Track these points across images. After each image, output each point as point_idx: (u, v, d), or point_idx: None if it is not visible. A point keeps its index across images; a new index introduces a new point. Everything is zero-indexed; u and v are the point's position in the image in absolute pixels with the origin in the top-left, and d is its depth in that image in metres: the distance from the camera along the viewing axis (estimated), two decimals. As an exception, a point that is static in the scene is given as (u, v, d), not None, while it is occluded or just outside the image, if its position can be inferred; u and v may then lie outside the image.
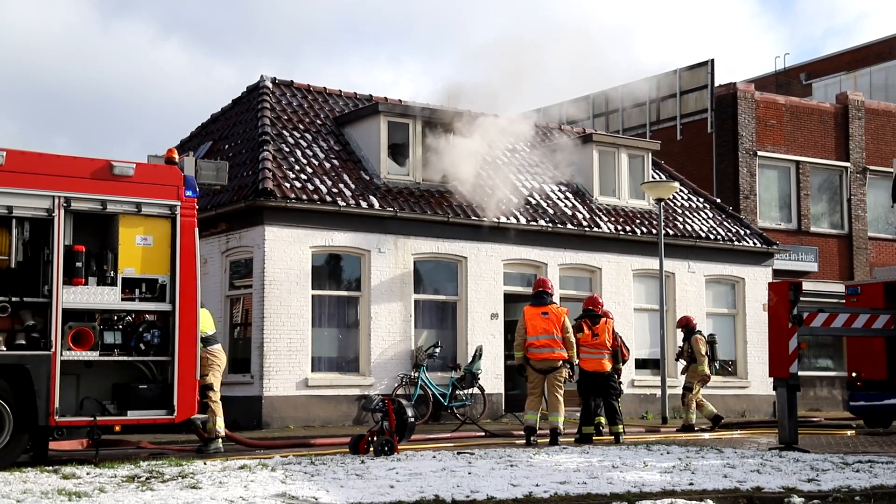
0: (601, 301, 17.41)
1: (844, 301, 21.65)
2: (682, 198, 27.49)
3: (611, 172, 25.77)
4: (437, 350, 21.37)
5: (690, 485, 9.87)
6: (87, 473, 10.37)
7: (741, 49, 74.01)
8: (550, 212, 23.87)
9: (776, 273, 27.83)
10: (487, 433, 17.96)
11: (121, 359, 12.12)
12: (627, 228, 24.71)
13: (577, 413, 18.02)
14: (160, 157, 12.96)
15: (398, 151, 22.82)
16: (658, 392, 22.73)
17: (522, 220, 23.10)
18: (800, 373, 15.10)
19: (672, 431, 19.53)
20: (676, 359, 21.02)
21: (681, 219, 26.37)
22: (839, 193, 31.95)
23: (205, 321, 14.02)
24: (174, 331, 12.30)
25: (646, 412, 24.09)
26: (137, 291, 12.24)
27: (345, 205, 20.92)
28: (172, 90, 65.21)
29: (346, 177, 21.79)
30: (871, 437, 17.99)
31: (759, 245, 26.85)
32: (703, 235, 26.02)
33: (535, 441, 15.30)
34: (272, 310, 20.12)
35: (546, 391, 15.76)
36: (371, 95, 25.37)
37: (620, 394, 17.11)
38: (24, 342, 11.61)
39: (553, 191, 24.82)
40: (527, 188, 24.36)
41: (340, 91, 25.38)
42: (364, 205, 21.19)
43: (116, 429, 12.29)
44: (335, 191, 21.13)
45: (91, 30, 66.89)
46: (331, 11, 76.21)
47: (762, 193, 30.52)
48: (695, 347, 19.97)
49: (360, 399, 18.05)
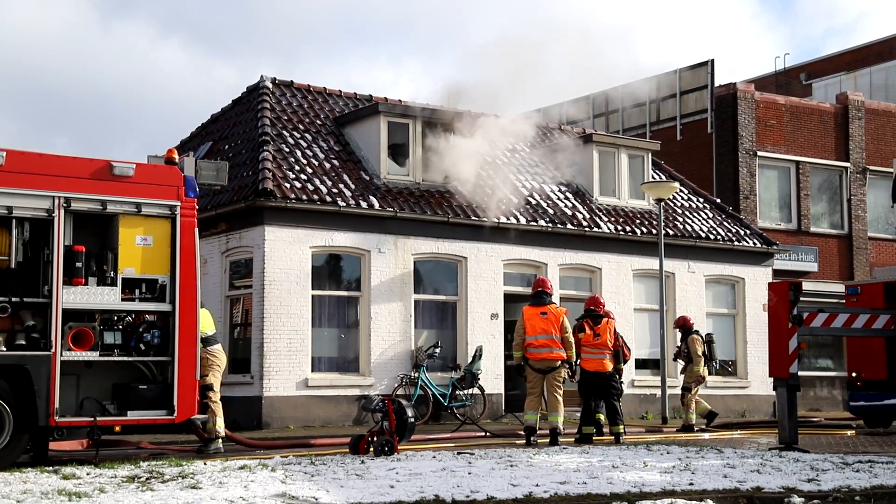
0: (603, 301, 17.41)
1: (844, 301, 21.64)
2: (682, 198, 27.49)
3: (611, 172, 25.77)
4: (437, 350, 21.37)
5: (690, 485, 9.87)
6: (87, 473, 10.37)
7: (741, 49, 74.08)
8: (550, 212, 23.87)
9: (776, 273, 27.83)
10: (489, 433, 17.95)
11: (121, 359, 12.11)
12: (627, 228, 24.71)
13: (578, 413, 18.02)
14: (160, 158, 12.95)
15: (398, 151, 22.82)
16: (658, 392, 22.74)
17: (522, 221, 23.10)
18: (800, 373, 15.10)
19: (672, 431, 19.53)
20: (674, 359, 21.02)
21: (681, 219, 26.37)
22: (839, 193, 31.95)
23: (205, 321, 14.02)
24: (174, 331, 12.29)
25: (646, 412, 24.09)
26: (137, 292, 12.23)
27: (345, 205, 20.92)
28: (172, 90, 65.28)
29: (346, 177, 21.80)
30: (871, 437, 17.98)
31: (759, 245, 26.85)
32: (703, 235, 26.02)
33: (535, 441, 15.29)
34: (272, 310, 20.12)
35: (545, 391, 15.76)
36: (371, 95, 25.38)
37: (621, 394, 17.11)
38: (24, 342, 11.61)
39: (553, 191, 24.82)
40: (527, 188, 24.36)
41: (340, 91, 25.38)
42: (364, 205, 21.20)
43: (116, 429, 12.29)
44: (335, 191, 21.13)
45: (91, 30, 66.96)
46: (331, 11, 76.29)
47: (762, 193, 30.52)
48: (691, 348, 19.95)
49: (360, 399, 18.05)
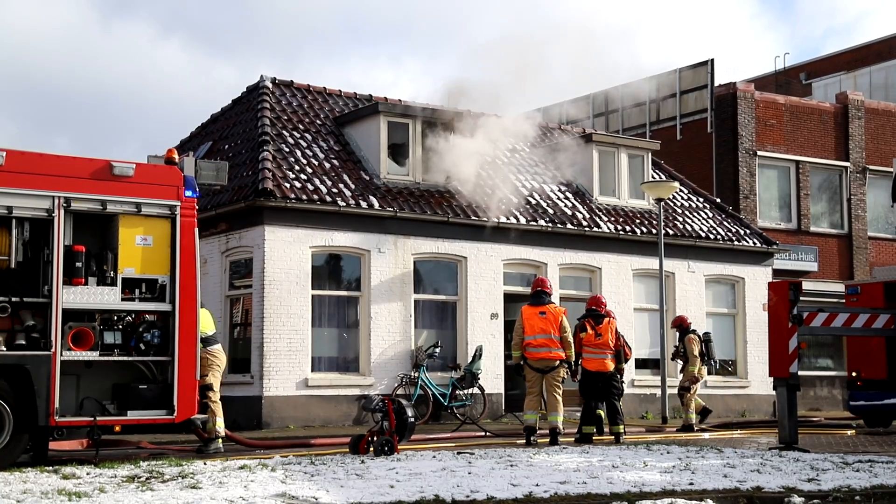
0: (604, 301, 17.38)
1: (844, 301, 21.64)
2: (682, 198, 27.49)
3: (611, 172, 25.77)
4: (437, 350, 21.36)
5: (690, 485, 9.87)
6: (87, 473, 10.37)
7: (741, 49, 74.06)
8: (550, 212, 23.87)
9: (776, 273, 27.82)
10: (489, 433, 17.95)
11: (121, 359, 12.11)
12: (627, 228, 24.71)
13: (578, 413, 18.01)
14: (160, 158, 12.95)
15: (398, 151, 22.81)
16: (658, 392, 22.74)
17: (522, 220, 23.10)
18: (800, 372, 15.09)
19: (672, 431, 19.53)
20: (672, 359, 21.03)
21: (681, 219, 26.37)
22: (839, 193, 31.95)
23: (205, 321, 14.02)
24: (174, 331, 12.29)
25: (646, 412, 24.09)
26: (137, 291, 12.23)
27: (345, 205, 20.92)
28: (172, 90, 65.27)
29: (346, 177, 21.79)
30: (871, 437, 17.99)
31: (759, 245, 26.85)
32: (703, 235, 26.02)
33: (535, 441, 15.29)
34: (272, 310, 20.12)
35: (545, 391, 15.75)
36: (371, 95, 25.38)
37: (622, 394, 17.10)
38: (24, 342, 11.61)
39: (553, 191, 24.82)
40: (527, 188, 24.36)
41: (340, 91, 25.38)
42: (364, 205, 21.19)
43: (116, 429, 12.28)
44: (335, 191, 21.13)
45: (91, 30, 66.95)
46: (331, 11, 76.28)
47: (762, 193, 30.52)
48: (688, 348, 19.94)
49: (360, 399, 18.03)
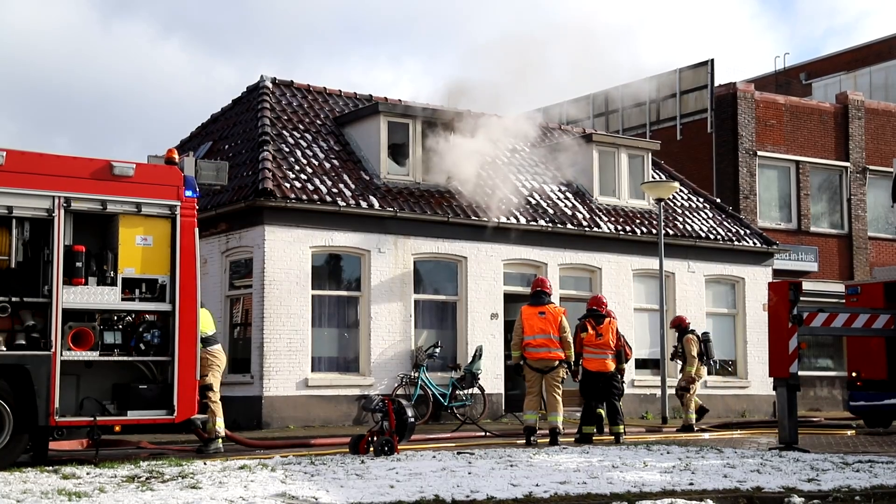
0: (605, 301, 17.34)
1: (844, 301, 21.64)
2: (682, 198, 27.49)
3: (611, 172, 25.77)
4: (437, 350, 21.36)
5: (690, 485, 9.86)
6: (87, 473, 10.37)
7: (741, 49, 74.07)
8: (550, 212, 23.87)
9: (776, 273, 27.82)
10: (489, 433, 17.95)
11: (121, 359, 12.11)
12: (627, 228, 24.71)
13: (578, 413, 18.01)
14: (160, 158, 12.95)
15: (398, 151, 22.81)
16: (658, 392, 22.73)
17: (522, 220, 23.10)
18: (800, 373, 15.09)
19: (672, 431, 19.53)
20: (671, 359, 21.03)
21: (681, 219, 26.36)
22: (839, 193, 31.94)
23: (205, 321, 14.02)
24: (174, 331, 12.29)
25: (646, 412, 24.09)
26: (137, 291, 12.23)
27: (345, 205, 20.92)
28: (172, 90, 65.27)
29: (346, 177, 21.79)
30: (871, 437, 17.98)
31: (759, 245, 26.85)
32: (703, 235, 26.02)
33: (535, 441, 15.29)
34: (272, 310, 20.12)
35: (544, 391, 15.75)
36: (371, 95, 25.38)
37: (622, 394, 17.09)
38: (24, 342, 11.61)
39: (553, 191, 24.82)
40: (527, 188, 24.36)
41: (340, 91, 25.39)
42: (364, 205, 21.19)
43: (116, 429, 12.28)
44: (335, 191, 21.13)
45: (91, 30, 66.95)
46: (331, 11, 76.29)
47: (762, 193, 30.52)
48: (686, 348, 19.93)
49: (360, 399, 18.04)
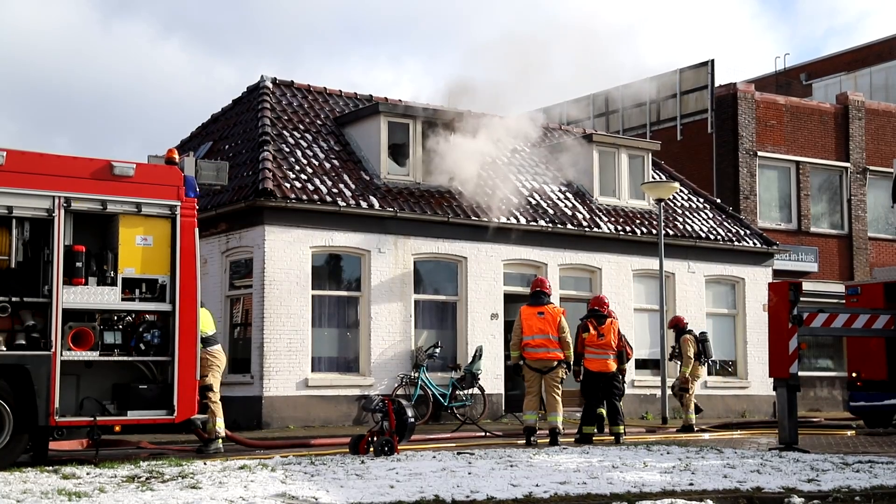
0: (607, 301, 17.28)
1: (844, 301, 21.64)
2: (682, 198, 27.49)
3: (611, 172, 25.77)
4: (437, 350, 21.36)
5: (690, 485, 9.86)
6: (87, 473, 10.36)
7: (741, 49, 74.11)
8: (550, 212, 23.87)
9: (776, 273, 27.83)
10: (489, 433, 17.94)
11: (121, 359, 12.10)
12: (627, 228, 24.71)
13: (578, 413, 18.00)
14: (160, 158, 12.94)
15: (398, 152, 22.81)
16: (658, 392, 22.73)
17: (522, 221, 23.10)
18: (800, 373, 15.08)
19: (672, 431, 19.52)
20: (670, 359, 21.03)
21: (681, 219, 26.37)
22: (839, 194, 31.95)
23: (205, 321, 14.02)
24: (174, 331, 12.28)
25: (646, 412, 24.09)
26: (137, 291, 12.22)
27: (345, 205, 20.92)
28: (172, 90, 65.29)
29: (346, 177, 21.79)
30: (871, 437, 17.98)
31: (759, 245, 26.85)
32: (703, 236, 26.02)
33: (535, 441, 15.29)
34: (272, 310, 20.12)
35: (544, 391, 15.74)
36: (371, 95, 25.38)
37: (622, 394, 17.08)
38: (24, 342, 11.60)
39: (553, 191, 24.82)
40: (527, 188, 24.36)
41: (340, 91, 25.39)
42: (364, 205, 21.19)
43: (116, 429, 12.27)
44: (335, 191, 21.13)
45: (91, 30, 66.97)
46: (331, 11, 76.31)
47: (762, 193, 30.52)
48: (682, 348, 19.91)
49: (360, 399, 18.05)
